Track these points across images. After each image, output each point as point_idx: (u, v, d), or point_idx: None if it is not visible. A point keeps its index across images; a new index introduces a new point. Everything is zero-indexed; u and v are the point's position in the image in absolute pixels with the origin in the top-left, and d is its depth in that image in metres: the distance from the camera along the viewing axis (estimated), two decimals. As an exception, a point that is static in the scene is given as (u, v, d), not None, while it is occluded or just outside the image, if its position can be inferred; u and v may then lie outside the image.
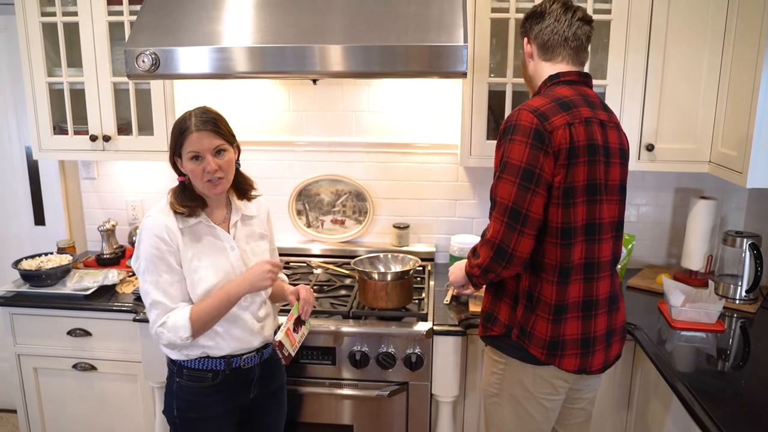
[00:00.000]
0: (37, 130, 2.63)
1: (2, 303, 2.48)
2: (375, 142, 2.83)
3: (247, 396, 1.96)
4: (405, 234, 2.86)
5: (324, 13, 2.12)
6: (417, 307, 2.36)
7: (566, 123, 1.64)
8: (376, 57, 2.00)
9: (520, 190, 1.62)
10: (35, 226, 3.15)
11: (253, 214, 1.99)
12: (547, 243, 1.68)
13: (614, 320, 1.81)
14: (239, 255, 1.89)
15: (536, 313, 1.74)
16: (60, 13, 2.51)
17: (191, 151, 1.75)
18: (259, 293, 1.92)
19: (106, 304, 2.43)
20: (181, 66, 2.10)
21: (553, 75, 1.77)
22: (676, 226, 2.81)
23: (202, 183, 1.79)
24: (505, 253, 1.65)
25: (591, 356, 1.77)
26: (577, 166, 1.65)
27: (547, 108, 1.66)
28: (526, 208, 1.62)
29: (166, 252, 1.77)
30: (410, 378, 2.24)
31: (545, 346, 1.73)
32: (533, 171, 1.61)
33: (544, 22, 1.77)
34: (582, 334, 1.75)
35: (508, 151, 1.65)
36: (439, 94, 2.76)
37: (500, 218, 1.65)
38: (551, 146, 1.62)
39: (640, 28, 2.29)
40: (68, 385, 2.56)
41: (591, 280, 1.74)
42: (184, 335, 1.76)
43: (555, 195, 1.64)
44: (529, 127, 1.63)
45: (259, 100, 2.83)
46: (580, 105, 1.69)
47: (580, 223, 1.68)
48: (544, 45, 1.78)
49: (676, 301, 2.21)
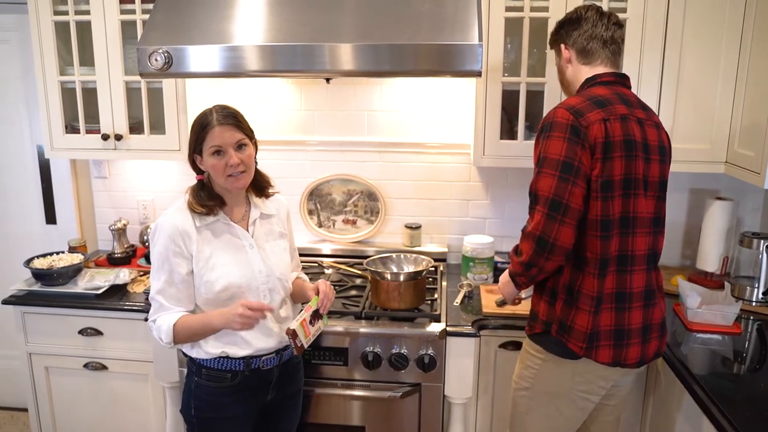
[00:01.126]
0: (49, 129, 2.63)
1: (14, 302, 2.48)
2: (387, 141, 2.82)
3: (265, 397, 1.96)
4: (417, 234, 2.84)
5: (336, 11, 2.11)
6: (430, 307, 2.34)
7: (601, 119, 1.68)
8: (389, 56, 1.99)
9: (560, 182, 1.66)
10: (47, 224, 3.16)
11: (272, 213, 1.98)
12: (589, 236, 1.72)
13: (651, 315, 1.81)
14: (258, 253, 1.88)
15: (577, 306, 1.75)
16: (72, 11, 2.51)
17: (214, 145, 1.75)
18: (278, 292, 1.91)
19: (118, 304, 2.42)
20: (194, 64, 2.10)
21: (590, 77, 1.83)
22: (691, 227, 2.78)
23: (224, 178, 1.78)
24: (546, 243, 1.68)
25: (626, 348, 1.77)
26: (614, 160, 1.68)
27: (583, 106, 1.71)
28: (567, 199, 1.66)
29: (174, 254, 1.78)
30: (423, 379, 2.22)
31: (585, 339, 1.75)
32: (572, 163, 1.66)
33: (582, 27, 1.83)
34: (615, 325, 1.76)
35: (547, 147, 1.70)
36: (452, 93, 2.74)
37: (541, 210, 1.68)
38: (587, 140, 1.67)
39: (656, 27, 2.27)
40: (79, 385, 2.56)
41: (624, 273, 1.75)
42: (165, 340, 1.79)
43: (594, 188, 1.68)
44: (565, 123, 1.68)
45: (271, 99, 2.82)
46: (615, 103, 1.74)
47: (616, 215, 1.71)
48: (582, 50, 1.84)
49: (692, 303, 2.18)
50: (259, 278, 1.86)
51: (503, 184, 2.80)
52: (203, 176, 1.84)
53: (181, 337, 1.79)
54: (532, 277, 1.80)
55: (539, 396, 1.88)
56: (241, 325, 1.73)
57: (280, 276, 1.93)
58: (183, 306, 1.82)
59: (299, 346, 1.82)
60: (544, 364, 1.86)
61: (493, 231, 2.84)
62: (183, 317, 1.79)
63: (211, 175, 1.81)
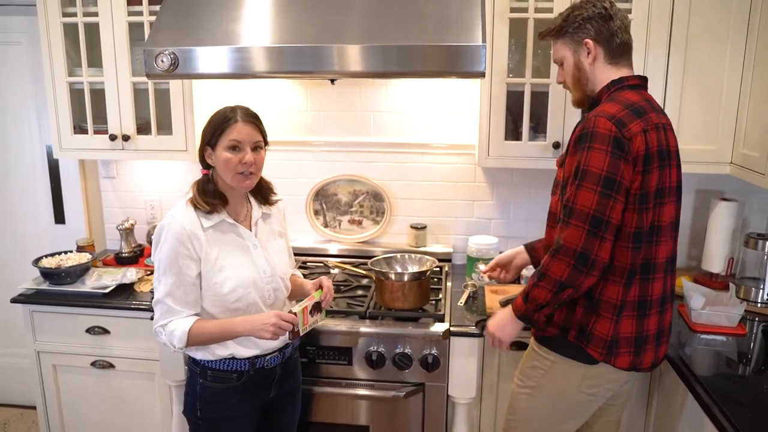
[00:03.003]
0: (58, 130, 2.65)
1: (22, 300, 2.51)
2: (393, 142, 2.83)
3: (268, 395, 1.98)
4: (422, 234, 2.85)
5: (342, 12, 2.12)
6: (434, 307, 2.35)
7: (642, 129, 1.64)
8: (394, 57, 2.00)
9: (601, 198, 1.62)
10: (55, 224, 3.19)
11: (271, 212, 2.00)
12: (619, 247, 1.68)
13: (664, 320, 1.81)
14: (262, 253, 1.90)
15: (598, 313, 1.73)
16: (81, 13, 2.53)
17: (233, 139, 1.77)
18: (281, 291, 1.94)
19: (125, 303, 2.45)
20: (200, 66, 2.11)
21: (617, 80, 1.76)
22: (696, 228, 2.77)
23: (233, 174, 1.80)
24: (587, 260, 1.63)
25: (643, 354, 1.78)
26: (652, 172, 1.66)
27: (624, 114, 1.65)
28: (608, 215, 1.62)
29: (182, 256, 1.76)
30: (427, 379, 2.23)
31: (605, 345, 1.74)
32: (614, 179, 1.61)
33: (614, 23, 1.74)
34: (636, 332, 1.75)
35: (587, 159, 1.63)
36: (457, 94, 2.75)
37: (581, 225, 1.63)
38: (630, 153, 1.62)
39: (661, 26, 2.26)
40: (87, 383, 2.59)
41: (647, 281, 1.74)
42: (177, 345, 1.78)
43: (631, 201, 1.65)
44: (607, 134, 1.62)
45: (277, 100, 2.84)
46: (649, 111, 1.70)
47: (648, 227, 1.69)
48: (613, 48, 1.76)
49: (696, 304, 2.18)
50: (264, 278, 1.88)
51: (508, 185, 2.80)
52: (209, 171, 1.85)
53: (195, 342, 1.79)
54: (561, 302, 1.74)
55: (543, 395, 1.88)
56: (272, 335, 1.75)
57: (282, 275, 1.96)
58: (191, 309, 1.81)
59: (296, 331, 1.80)
60: (554, 366, 1.85)
61: (498, 231, 2.84)
62: (198, 322, 1.79)
63: (219, 171, 1.82)
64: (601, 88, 1.79)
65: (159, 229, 1.80)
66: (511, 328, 1.87)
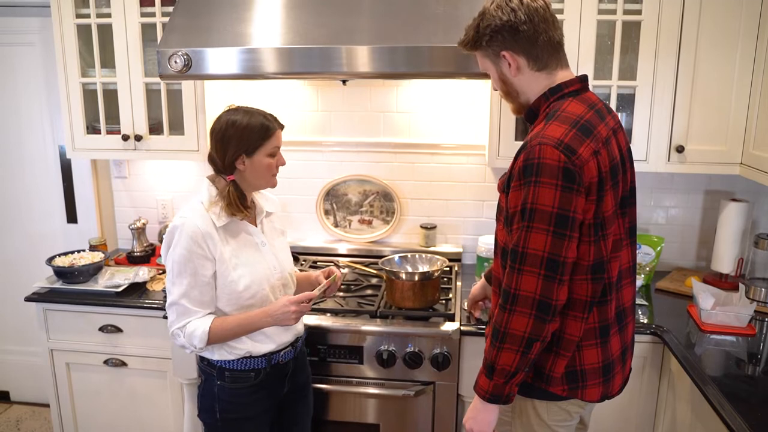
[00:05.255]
0: (71, 130, 2.68)
1: (36, 299, 2.53)
2: (403, 142, 2.84)
3: (282, 391, 2.00)
4: (432, 234, 2.86)
5: (353, 14, 2.14)
6: (444, 307, 2.36)
7: (593, 152, 1.45)
8: (404, 58, 2.02)
9: (555, 239, 1.43)
10: (68, 224, 3.21)
11: (274, 210, 2.04)
12: (577, 281, 1.52)
13: (626, 335, 1.68)
14: (270, 250, 1.93)
15: (557, 353, 1.57)
16: (94, 14, 2.55)
17: (276, 146, 1.87)
18: (290, 286, 1.99)
19: (137, 301, 2.47)
20: (212, 66, 2.14)
21: (554, 88, 1.56)
22: (705, 229, 2.77)
23: (270, 176, 1.89)
24: (549, 307, 1.46)
25: (612, 381, 1.64)
26: (606, 195, 1.49)
27: (571, 137, 1.44)
28: (564, 256, 1.45)
29: (197, 256, 1.77)
30: (437, 378, 2.24)
31: (564, 381, 1.60)
32: (567, 215, 1.43)
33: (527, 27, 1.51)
34: (603, 360, 1.60)
35: (535, 196, 1.43)
36: (467, 94, 2.76)
37: (535, 271, 1.45)
38: (582, 183, 1.43)
39: (672, 28, 2.27)
40: (99, 381, 2.61)
41: (604, 304, 1.58)
42: (198, 345, 1.80)
43: (586, 233, 1.48)
44: (556, 166, 1.41)
45: (288, 100, 2.86)
46: (596, 124, 1.51)
47: (610, 252, 1.54)
48: (536, 55, 1.54)
49: (706, 304, 2.18)
50: (274, 274, 1.92)
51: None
52: (234, 176, 1.86)
53: (215, 339, 1.81)
54: (533, 360, 1.52)
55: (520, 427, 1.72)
56: (296, 320, 1.82)
57: (290, 271, 2.01)
58: (206, 308, 1.82)
59: None
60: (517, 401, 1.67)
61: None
62: (217, 320, 1.81)
63: (253, 175, 1.85)
64: (537, 98, 1.59)
65: (171, 230, 1.81)
66: (486, 415, 1.60)
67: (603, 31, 2.39)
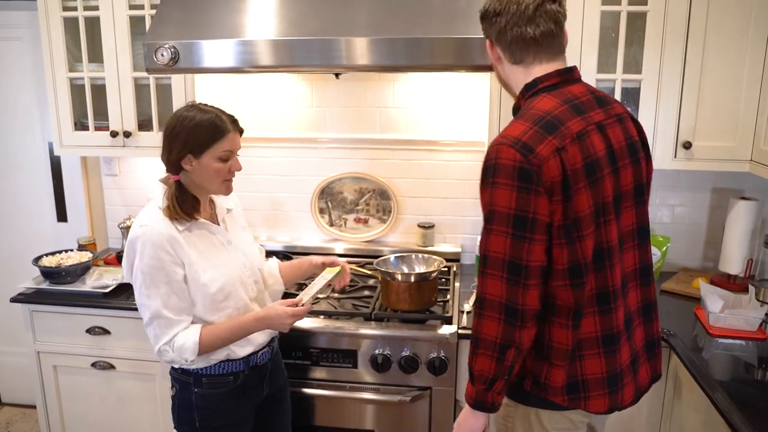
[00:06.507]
0: (59, 126, 2.61)
1: (22, 300, 2.47)
2: (400, 138, 2.76)
3: (261, 394, 1.94)
4: (430, 234, 2.78)
5: (347, 5, 2.07)
6: (442, 309, 2.28)
7: (554, 149, 1.37)
8: (400, 50, 1.96)
9: (514, 241, 1.38)
10: (58, 222, 3.15)
11: (232, 207, 1.97)
12: (555, 287, 1.45)
13: (634, 344, 1.60)
14: (237, 247, 1.87)
15: (551, 362, 1.50)
16: (81, 7, 2.48)
17: (228, 150, 1.73)
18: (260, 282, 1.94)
19: (125, 303, 2.40)
20: (201, 60, 2.08)
21: (530, 84, 1.50)
22: (713, 228, 2.69)
23: (220, 182, 1.76)
24: (516, 312, 1.41)
25: (621, 391, 1.55)
26: (578, 194, 1.40)
27: (530, 135, 1.38)
28: (526, 259, 1.39)
29: (167, 262, 1.69)
30: (434, 383, 2.17)
31: (564, 391, 1.52)
32: (525, 217, 1.37)
33: (502, 19, 1.48)
34: (608, 371, 1.52)
35: (493, 197, 1.40)
36: (466, 89, 2.67)
37: (498, 274, 1.41)
38: (541, 183, 1.36)
39: (678, 19, 2.18)
40: (87, 384, 2.54)
41: (608, 312, 1.49)
42: (190, 358, 1.73)
43: (556, 235, 1.41)
44: (511, 165, 1.36)
45: (281, 95, 2.78)
46: (567, 119, 1.42)
47: (590, 256, 1.45)
48: (509, 47, 1.50)
49: (714, 307, 2.10)
50: (245, 272, 1.86)
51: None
52: (180, 177, 1.77)
53: (206, 349, 1.75)
54: (510, 368, 1.46)
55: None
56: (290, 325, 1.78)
57: (259, 266, 1.96)
58: (187, 315, 1.75)
59: None
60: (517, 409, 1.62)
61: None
62: (206, 330, 1.74)
63: (202, 179, 1.75)
64: (517, 92, 1.55)
65: (132, 240, 1.70)
66: (473, 421, 1.56)
67: (607, 22, 2.31)
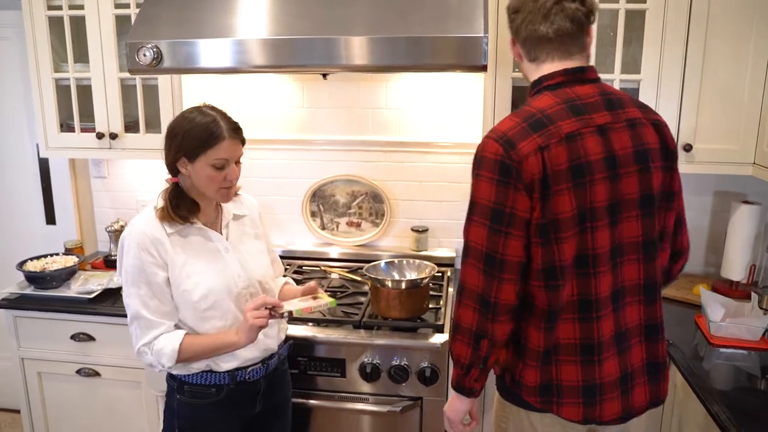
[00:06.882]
0: (44, 128, 2.56)
1: (5, 305, 2.42)
2: (393, 140, 2.69)
3: (253, 410, 1.86)
4: (424, 238, 2.71)
5: (334, 4, 2.00)
6: (434, 316, 2.22)
7: (537, 147, 1.38)
8: (388, 50, 1.88)
9: (491, 233, 1.41)
10: (47, 225, 3.09)
11: (244, 213, 1.88)
12: (532, 286, 1.46)
13: (629, 361, 1.54)
14: (235, 256, 1.78)
15: (524, 361, 1.52)
16: (66, 6, 2.43)
17: (221, 158, 1.65)
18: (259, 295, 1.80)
19: (110, 308, 2.34)
20: (185, 60, 2.01)
21: (535, 81, 1.52)
22: (714, 233, 2.61)
23: (216, 189, 1.69)
24: (488, 303, 1.44)
25: (599, 405, 1.50)
26: (559, 195, 1.39)
27: (515, 132, 1.40)
28: (501, 252, 1.41)
29: (148, 264, 1.65)
30: (424, 393, 2.10)
31: (537, 392, 1.52)
32: (503, 210, 1.39)
33: (519, 16, 1.50)
34: (584, 380, 1.49)
35: (476, 189, 1.44)
36: (461, 89, 2.61)
37: (476, 264, 1.44)
38: (521, 179, 1.38)
39: (678, 17, 2.11)
40: (72, 391, 2.48)
41: (588, 321, 1.47)
42: (167, 364, 1.67)
43: (533, 233, 1.42)
44: (493, 159, 1.40)
45: (271, 95, 2.72)
46: (560, 118, 1.42)
47: (568, 260, 1.43)
48: (524, 44, 1.52)
49: (715, 315, 2.03)
50: (239, 283, 1.76)
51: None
52: (178, 179, 1.72)
53: (186, 357, 1.69)
54: (485, 358, 1.48)
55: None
56: (259, 328, 1.66)
57: (260, 278, 1.83)
58: (169, 320, 1.70)
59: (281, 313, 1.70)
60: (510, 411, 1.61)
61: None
62: (189, 338, 1.68)
63: (197, 184, 1.69)
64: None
65: (121, 240, 1.70)
66: (457, 403, 1.61)
67: (605, 21, 2.25)
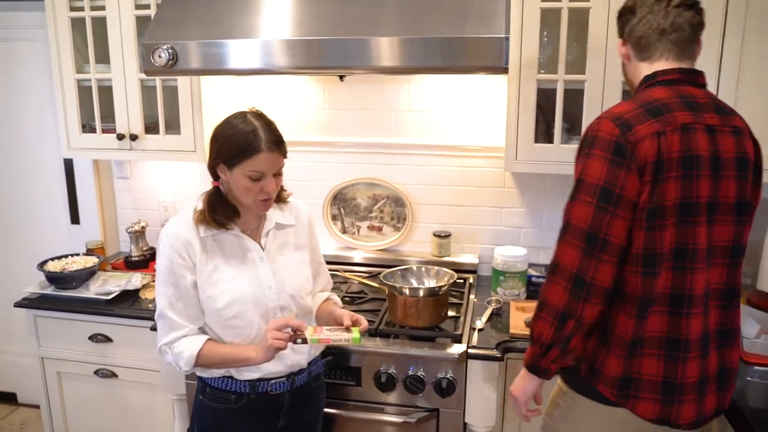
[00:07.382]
0: (66, 128, 2.57)
1: (26, 305, 2.44)
2: (415, 143, 2.63)
3: (276, 424, 1.80)
4: (446, 243, 2.64)
5: (351, 4, 1.96)
6: (452, 325, 2.15)
7: (654, 132, 1.40)
8: (404, 50, 1.83)
9: (597, 212, 1.41)
10: (71, 225, 3.11)
11: (290, 223, 1.82)
12: (627, 271, 1.46)
13: (707, 365, 1.52)
14: (269, 267, 1.73)
15: (609, 348, 1.50)
16: (88, 7, 2.43)
17: (257, 170, 1.60)
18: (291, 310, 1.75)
19: (127, 310, 2.34)
20: (201, 61, 2.00)
21: (649, 75, 1.54)
22: (751, 242, 2.44)
23: (253, 199, 1.64)
24: (583, 283, 1.42)
25: (676, 405, 1.49)
26: (667, 182, 1.41)
27: (633, 115, 1.43)
28: (605, 232, 1.41)
29: (178, 266, 1.66)
30: (441, 404, 2.04)
31: (615, 384, 1.50)
32: (612, 190, 1.40)
33: (636, 16, 1.55)
34: (664, 377, 1.48)
35: (586, 167, 1.45)
36: (485, 91, 2.53)
37: (576, 243, 1.43)
38: (634, 160, 1.40)
39: (714, 17, 2.00)
40: (90, 391, 2.50)
41: (679, 315, 1.46)
42: (184, 368, 1.67)
43: (639, 216, 1.42)
44: (608, 139, 1.42)
45: (292, 97, 2.68)
46: (676, 109, 1.44)
47: (666, 248, 1.43)
48: (638, 43, 1.56)
49: (749, 331, 1.92)
50: (268, 295, 1.71)
51: (540, 191, 2.57)
52: (219, 183, 1.69)
53: (204, 364, 1.68)
54: (567, 339, 1.47)
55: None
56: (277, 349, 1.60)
57: (293, 292, 1.75)
58: (193, 323, 1.69)
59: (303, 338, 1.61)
60: (575, 405, 1.60)
61: (528, 241, 2.61)
62: (207, 346, 1.66)
63: (235, 192, 1.66)
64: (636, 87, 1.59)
65: (159, 238, 1.71)
66: (524, 383, 1.61)
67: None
